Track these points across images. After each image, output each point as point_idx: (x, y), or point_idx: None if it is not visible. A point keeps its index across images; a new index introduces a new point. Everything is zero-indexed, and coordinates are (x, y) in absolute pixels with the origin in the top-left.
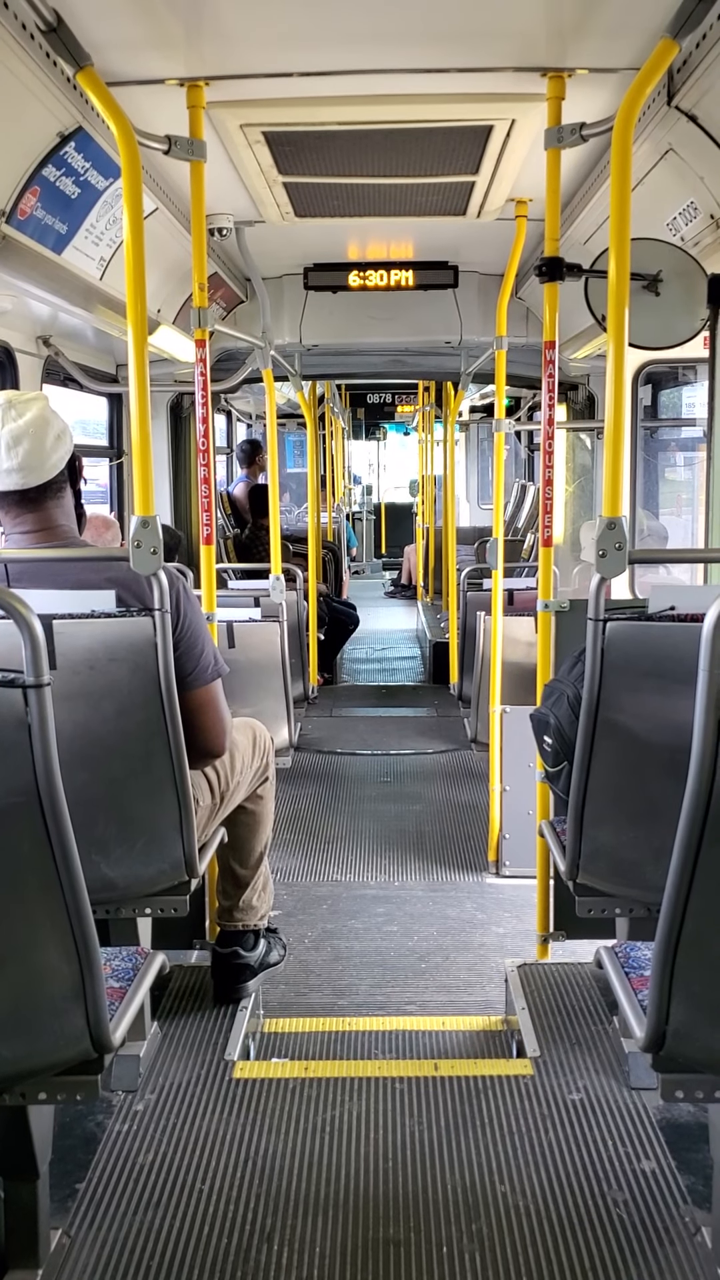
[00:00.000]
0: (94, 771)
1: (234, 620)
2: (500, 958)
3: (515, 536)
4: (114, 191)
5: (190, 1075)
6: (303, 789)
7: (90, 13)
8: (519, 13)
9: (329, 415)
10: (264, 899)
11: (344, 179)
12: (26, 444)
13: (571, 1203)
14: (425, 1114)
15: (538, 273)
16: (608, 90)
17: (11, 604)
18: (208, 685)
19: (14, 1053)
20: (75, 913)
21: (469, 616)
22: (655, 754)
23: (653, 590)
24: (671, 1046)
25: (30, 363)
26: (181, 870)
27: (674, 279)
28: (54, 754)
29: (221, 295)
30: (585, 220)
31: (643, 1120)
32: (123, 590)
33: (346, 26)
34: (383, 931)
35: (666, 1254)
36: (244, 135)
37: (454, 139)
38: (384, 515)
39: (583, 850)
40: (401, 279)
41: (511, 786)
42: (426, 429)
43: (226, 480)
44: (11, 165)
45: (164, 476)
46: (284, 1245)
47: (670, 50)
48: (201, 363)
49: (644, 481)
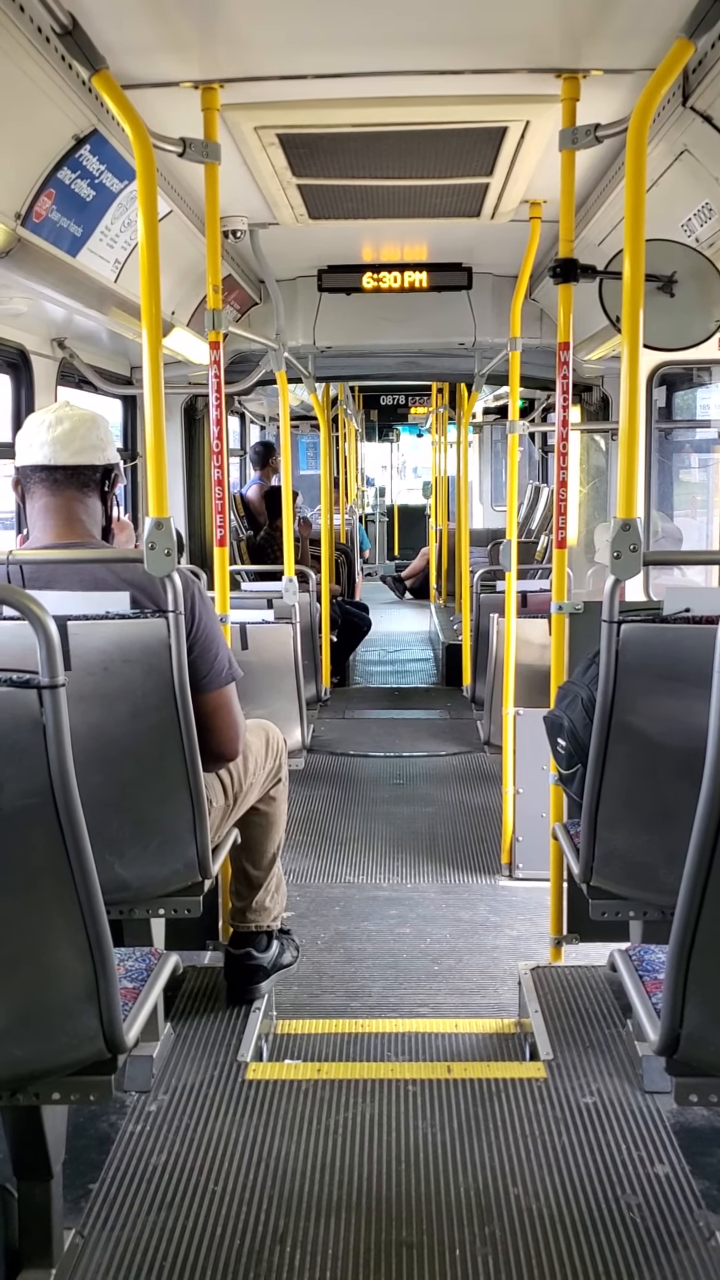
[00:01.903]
0: (108, 773)
1: (247, 622)
2: (513, 960)
3: (529, 538)
4: (129, 194)
5: (203, 1076)
6: (315, 791)
7: (105, 16)
8: (533, 14)
9: (342, 417)
10: (277, 900)
11: (358, 181)
12: (67, 425)
13: (585, 1206)
14: (438, 1116)
15: (552, 274)
16: (622, 91)
17: (27, 605)
18: (222, 688)
19: (28, 1053)
20: (89, 913)
21: (482, 618)
22: (670, 757)
23: (667, 592)
24: (686, 1050)
25: (45, 365)
26: (195, 871)
27: (689, 280)
28: (69, 755)
29: (235, 297)
30: (600, 221)
31: (656, 1124)
32: (138, 592)
33: (360, 29)
34: (395, 933)
35: (680, 1259)
36: (258, 137)
37: (468, 140)
38: (397, 517)
39: (596, 853)
40: (415, 281)
41: (525, 789)
42: (440, 431)
43: (240, 482)
44: (27, 168)
45: (178, 478)
46: (296, 1247)
47: (685, 51)
48: (215, 365)
49: (658, 483)
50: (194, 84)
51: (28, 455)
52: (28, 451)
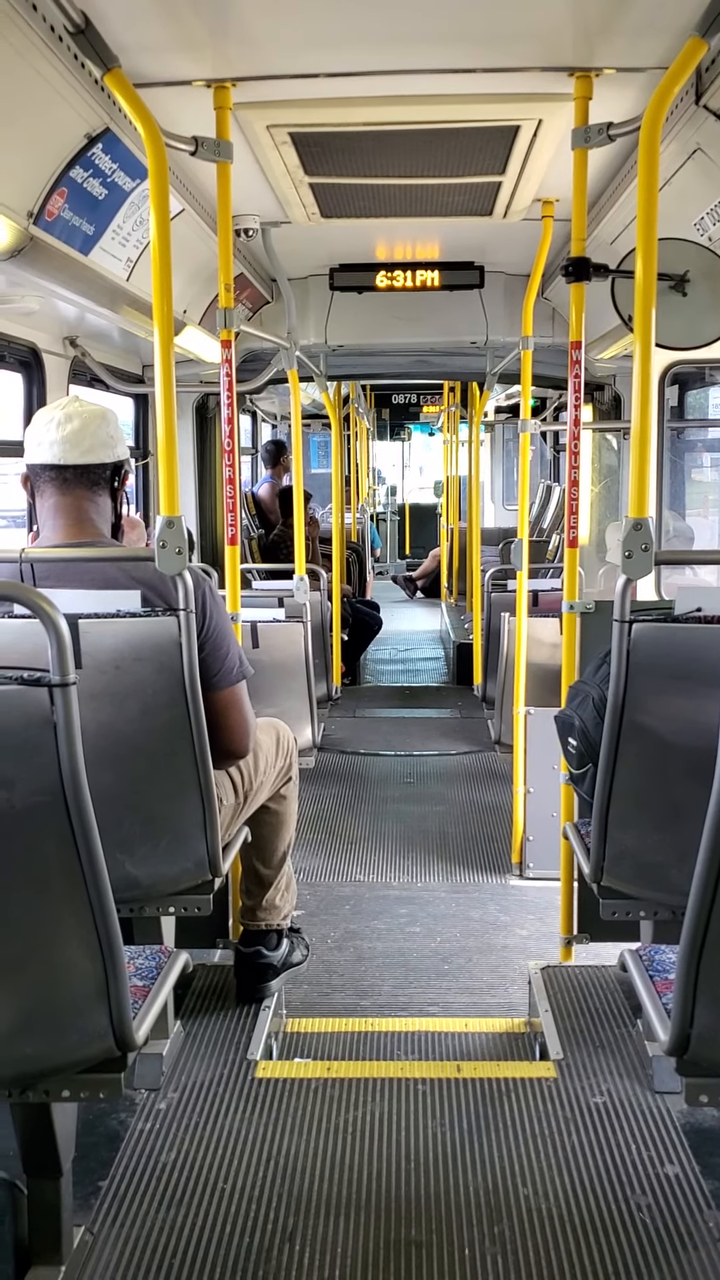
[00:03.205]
0: (119, 771)
1: (258, 620)
2: (523, 960)
3: (540, 537)
4: (141, 192)
5: (213, 1074)
6: (326, 789)
7: (118, 15)
8: (546, 13)
9: (354, 416)
10: (287, 899)
11: (370, 179)
12: (76, 423)
13: (594, 1206)
14: (447, 1115)
15: (564, 273)
16: (635, 90)
17: (38, 604)
18: (233, 686)
19: (38, 1050)
20: (99, 911)
21: (493, 617)
22: (681, 756)
23: (679, 592)
24: (696, 1050)
25: (57, 363)
26: (205, 869)
27: (701, 279)
28: (79, 753)
29: (247, 296)
30: (612, 220)
31: (666, 1124)
32: (148, 590)
33: (373, 27)
34: (405, 932)
35: (690, 1259)
36: (270, 136)
37: (480, 139)
38: (408, 516)
39: (607, 853)
40: (427, 279)
41: (535, 788)
42: (451, 429)
43: (251, 481)
44: (39, 167)
45: (189, 477)
46: (305, 1245)
47: (699, 49)
48: (227, 363)
49: (670, 482)
50: (206, 83)
51: (37, 454)
52: (37, 450)
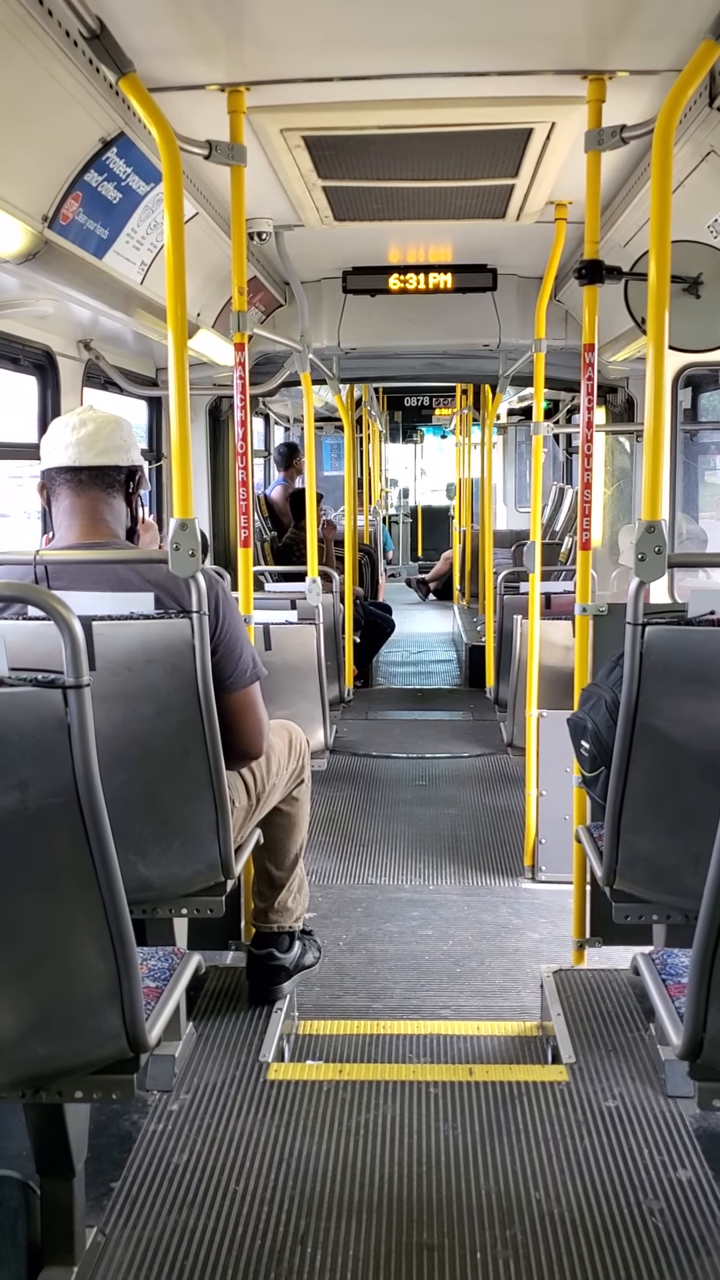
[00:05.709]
0: (132, 772)
1: (270, 623)
2: (536, 963)
3: (553, 540)
4: (155, 196)
5: (225, 1076)
6: (338, 791)
7: (132, 20)
8: (559, 15)
9: (366, 418)
10: (299, 901)
11: (383, 183)
12: (91, 427)
13: (607, 1211)
14: (460, 1119)
15: (577, 275)
16: (648, 92)
17: (52, 605)
18: (246, 688)
19: (51, 1051)
20: (113, 912)
21: (506, 620)
22: (694, 759)
23: (692, 594)
24: (709, 1054)
25: (71, 366)
26: (218, 871)
27: (715, 281)
28: (93, 754)
29: (260, 299)
30: (625, 223)
31: (679, 1129)
32: (162, 592)
33: (386, 31)
34: (418, 935)
35: (703, 1264)
36: (284, 140)
37: (494, 142)
38: (420, 518)
39: (620, 856)
40: (440, 282)
41: (548, 791)
42: (464, 432)
43: (264, 483)
44: (54, 171)
45: (202, 479)
46: (317, 1248)
47: (712, 52)
48: (240, 366)
49: (684, 485)
50: (220, 87)
51: (52, 457)
52: (52, 454)
